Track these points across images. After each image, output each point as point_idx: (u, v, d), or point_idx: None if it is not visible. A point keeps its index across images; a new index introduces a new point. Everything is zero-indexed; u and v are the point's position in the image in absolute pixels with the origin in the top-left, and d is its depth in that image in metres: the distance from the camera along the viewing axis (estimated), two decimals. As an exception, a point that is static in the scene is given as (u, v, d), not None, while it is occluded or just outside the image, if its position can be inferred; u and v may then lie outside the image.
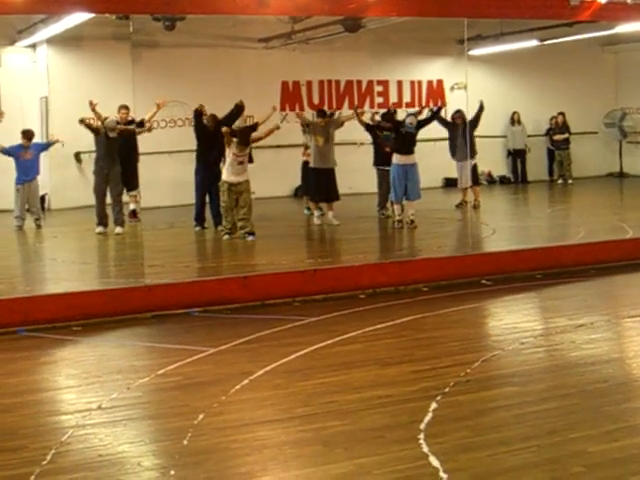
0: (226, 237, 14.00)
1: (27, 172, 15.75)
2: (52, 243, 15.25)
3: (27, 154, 15.72)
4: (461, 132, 16.29)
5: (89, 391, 7.27)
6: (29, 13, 12.64)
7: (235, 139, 13.77)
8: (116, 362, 8.19)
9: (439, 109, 16.45)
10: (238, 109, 14.68)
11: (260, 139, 14.48)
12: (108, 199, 14.98)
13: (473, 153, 16.96)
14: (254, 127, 14.42)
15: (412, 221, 14.74)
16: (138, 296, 10.01)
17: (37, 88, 18.33)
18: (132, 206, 15.84)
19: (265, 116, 14.76)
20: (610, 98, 22.46)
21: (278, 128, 14.69)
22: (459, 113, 16.39)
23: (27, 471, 5.53)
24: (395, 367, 7.68)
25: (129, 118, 15.32)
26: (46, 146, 16.36)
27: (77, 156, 18.18)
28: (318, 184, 15.28)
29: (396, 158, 14.80)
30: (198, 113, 14.81)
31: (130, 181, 15.31)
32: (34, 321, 9.37)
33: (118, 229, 14.77)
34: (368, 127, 16.00)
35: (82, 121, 14.60)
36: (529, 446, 5.71)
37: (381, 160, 15.53)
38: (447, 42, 19.10)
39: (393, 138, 15.00)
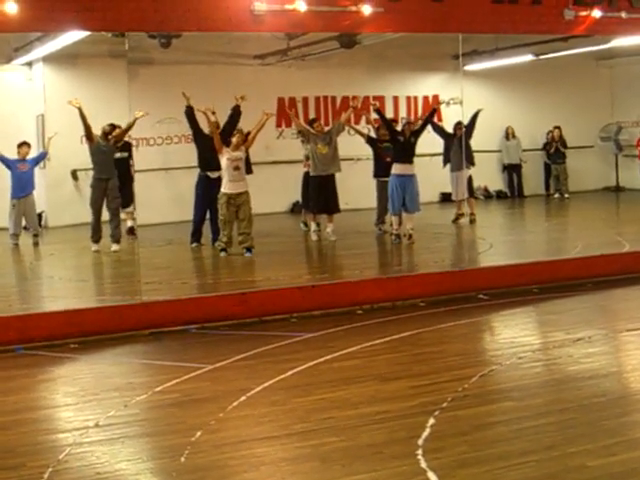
0: (222, 254, 13.97)
1: (23, 186, 15.71)
2: (49, 261, 15.24)
3: (24, 166, 15.69)
4: (458, 142, 16.31)
5: (86, 409, 7.26)
6: (25, 31, 12.63)
7: (226, 148, 13.76)
8: (113, 379, 8.18)
9: (433, 112, 16.38)
10: (236, 111, 14.57)
11: (254, 136, 14.26)
12: (104, 216, 14.95)
13: (471, 162, 16.99)
14: (245, 137, 14.32)
15: (410, 236, 14.63)
16: (135, 313, 10.01)
17: (33, 106, 18.33)
18: (130, 223, 15.84)
19: (258, 124, 14.52)
20: (606, 112, 22.49)
21: (268, 116, 14.47)
22: (460, 124, 16.38)
23: (25, 490, 5.54)
24: (393, 382, 7.68)
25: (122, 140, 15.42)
26: (40, 158, 16.31)
27: (74, 174, 18.17)
28: (318, 193, 15.17)
29: (394, 168, 14.73)
30: (189, 110, 14.61)
31: (125, 197, 15.30)
32: (31, 339, 9.37)
33: (114, 246, 14.73)
34: (369, 139, 16.01)
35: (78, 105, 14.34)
36: (528, 461, 5.70)
37: (382, 171, 15.45)
38: (442, 58, 19.09)
39: (392, 148, 14.97)
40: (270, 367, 8.21)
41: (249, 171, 14.57)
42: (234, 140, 13.93)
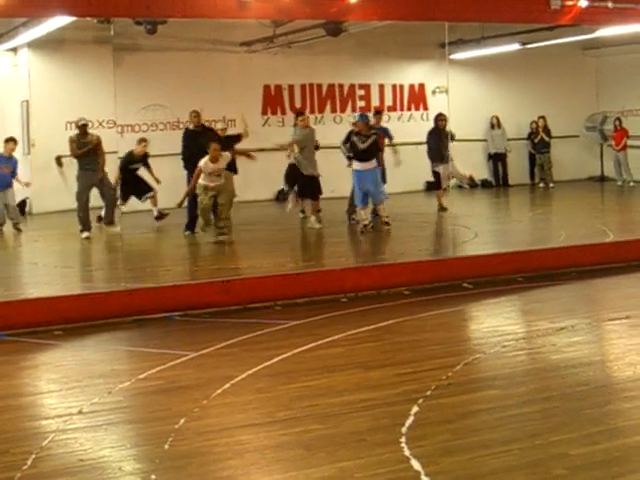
0: (200, 235, 14.05)
1: (2, 181, 15.66)
2: (33, 247, 15.20)
3: (6, 168, 15.63)
4: (438, 134, 16.26)
5: (70, 395, 7.24)
6: (10, 16, 12.56)
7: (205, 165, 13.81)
8: (97, 366, 8.16)
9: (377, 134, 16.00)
10: (238, 137, 14.80)
11: (238, 154, 14.51)
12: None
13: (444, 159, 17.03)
14: (238, 137, 14.43)
15: (387, 222, 14.78)
16: (119, 300, 9.98)
17: (18, 92, 18.26)
18: (155, 210, 15.89)
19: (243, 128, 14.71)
20: (591, 102, 22.51)
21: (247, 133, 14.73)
22: (442, 115, 16.33)
23: (8, 476, 5.51)
24: (377, 370, 7.68)
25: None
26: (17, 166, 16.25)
27: (58, 160, 18.11)
28: (300, 178, 15.38)
29: (355, 164, 14.82)
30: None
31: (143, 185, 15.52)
32: (15, 325, 9.33)
33: (112, 229, 14.62)
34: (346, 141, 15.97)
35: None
36: (510, 449, 5.72)
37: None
38: (428, 46, 19.08)
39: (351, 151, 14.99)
40: (254, 355, 8.20)
41: (234, 172, 14.69)
42: (210, 154, 13.84)
